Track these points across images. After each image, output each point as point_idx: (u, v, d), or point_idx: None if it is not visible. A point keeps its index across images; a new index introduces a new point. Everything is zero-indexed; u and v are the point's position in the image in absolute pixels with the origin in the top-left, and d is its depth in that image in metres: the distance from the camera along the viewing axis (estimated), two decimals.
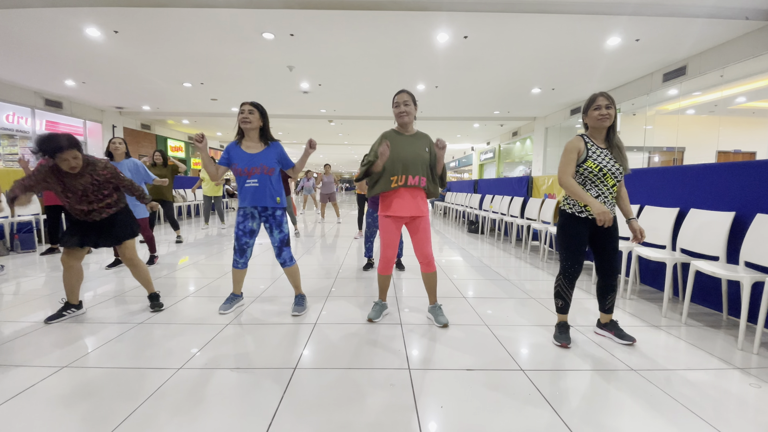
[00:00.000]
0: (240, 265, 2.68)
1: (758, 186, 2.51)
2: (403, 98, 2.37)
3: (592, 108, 2.08)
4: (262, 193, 2.53)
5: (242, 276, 2.75)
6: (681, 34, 6.00)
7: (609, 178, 2.08)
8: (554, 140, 12.48)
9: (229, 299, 2.74)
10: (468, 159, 22.86)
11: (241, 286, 2.78)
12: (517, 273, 4.00)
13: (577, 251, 2.14)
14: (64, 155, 2.25)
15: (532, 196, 6.26)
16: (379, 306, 2.58)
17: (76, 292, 2.57)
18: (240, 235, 2.59)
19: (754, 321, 2.42)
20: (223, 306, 2.69)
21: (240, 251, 2.62)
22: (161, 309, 2.72)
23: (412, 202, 2.41)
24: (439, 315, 2.52)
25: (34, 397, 1.59)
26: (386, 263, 2.48)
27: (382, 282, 2.55)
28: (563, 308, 2.23)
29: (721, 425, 1.46)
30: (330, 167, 9.21)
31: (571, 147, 2.10)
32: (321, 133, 16.91)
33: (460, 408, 1.56)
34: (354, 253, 4.98)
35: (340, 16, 5.52)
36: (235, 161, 2.50)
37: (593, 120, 2.08)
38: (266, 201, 2.54)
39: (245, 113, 2.46)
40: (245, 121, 2.47)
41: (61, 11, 5.38)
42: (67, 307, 2.55)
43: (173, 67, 7.96)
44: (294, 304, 2.74)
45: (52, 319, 2.47)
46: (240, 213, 2.58)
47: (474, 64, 7.57)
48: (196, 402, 1.58)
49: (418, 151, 2.40)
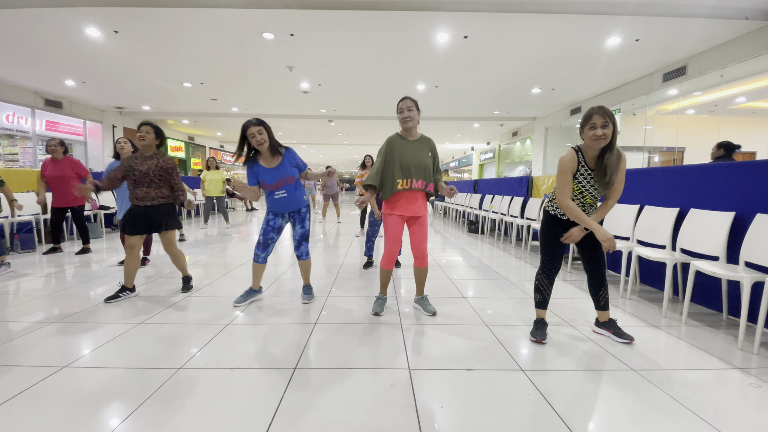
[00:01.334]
0: (261, 259, 2.81)
1: (758, 186, 2.51)
2: (407, 104, 2.48)
3: (588, 127, 1.97)
4: (291, 201, 2.77)
5: (261, 271, 2.86)
6: (681, 34, 6.00)
7: (588, 198, 2.13)
8: (554, 140, 12.48)
9: (246, 294, 2.87)
10: (468, 159, 22.86)
11: (259, 281, 2.90)
12: (517, 273, 4.00)
13: (556, 249, 2.23)
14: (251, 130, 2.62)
15: (532, 196, 6.25)
16: (381, 300, 2.71)
17: (132, 276, 2.96)
18: (268, 230, 2.76)
19: (754, 321, 2.42)
20: (238, 299, 2.83)
21: (264, 245, 2.77)
22: (190, 289, 3.17)
23: (414, 203, 2.57)
24: (427, 305, 2.72)
25: (34, 397, 1.59)
26: (390, 258, 2.60)
27: (385, 276, 2.67)
28: (542, 303, 2.29)
29: (721, 425, 1.46)
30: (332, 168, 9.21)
31: (566, 167, 2.07)
32: (321, 133, 16.91)
33: (460, 408, 1.56)
34: (354, 252, 4.98)
35: (340, 16, 5.52)
36: (261, 178, 2.69)
37: (588, 139, 1.99)
38: (295, 206, 2.80)
39: (257, 136, 2.57)
40: (260, 142, 2.59)
41: (61, 11, 5.38)
42: (123, 290, 2.94)
43: (173, 67, 7.96)
44: (303, 293, 2.97)
45: (110, 299, 2.85)
46: (269, 218, 2.77)
47: (474, 64, 7.57)
48: (196, 402, 1.58)
49: (421, 157, 2.54)
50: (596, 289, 2.27)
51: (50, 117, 10.65)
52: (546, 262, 2.25)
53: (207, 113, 12.74)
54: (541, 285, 2.28)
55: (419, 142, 2.57)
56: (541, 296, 2.28)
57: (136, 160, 2.89)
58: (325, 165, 9.82)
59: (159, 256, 4.64)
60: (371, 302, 2.92)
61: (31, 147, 10.19)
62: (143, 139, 2.90)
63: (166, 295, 3.06)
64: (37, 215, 5.32)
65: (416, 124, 2.53)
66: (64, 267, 4.05)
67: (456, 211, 9.74)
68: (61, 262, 4.32)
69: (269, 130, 2.66)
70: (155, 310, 2.72)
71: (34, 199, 5.36)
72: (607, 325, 2.30)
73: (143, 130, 2.92)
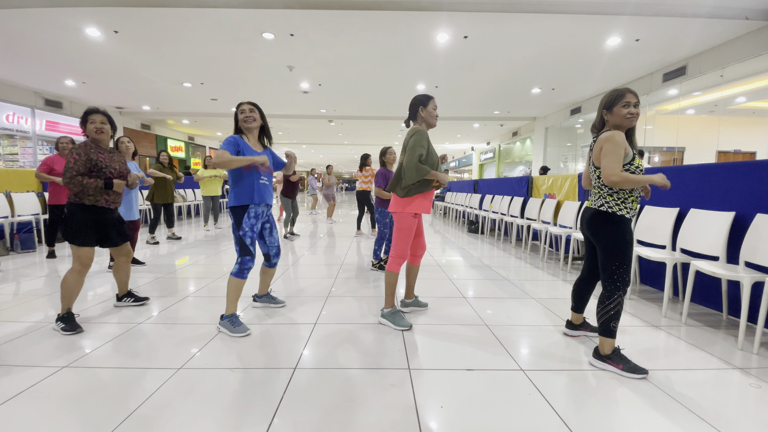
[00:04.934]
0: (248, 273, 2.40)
1: (758, 186, 2.51)
2: (435, 104, 2.51)
3: (620, 105, 1.87)
4: (270, 192, 2.50)
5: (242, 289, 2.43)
6: (681, 34, 6.00)
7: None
8: (554, 140, 12.48)
9: (234, 321, 2.34)
10: (468, 159, 22.86)
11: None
12: (517, 273, 4.00)
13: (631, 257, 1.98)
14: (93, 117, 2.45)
15: (532, 196, 6.25)
16: (401, 313, 2.51)
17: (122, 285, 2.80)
18: (255, 237, 2.40)
19: (754, 321, 2.42)
20: (239, 328, 2.31)
21: (255, 256, 2.40)
22: (136, 304, 2.84)
23: (428, 200, 2.53)
24: (420, 301, 2.80)
25: (34, 397, 1.59)
26: (402, 261, 2.49)
27: (395, 282, 2.49)
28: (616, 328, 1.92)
29: (721, 425, 1.46)
30: (332, 168, 9.25)
31: (622, 141, 1.82)
32: (321, 133, 16.91)
33: (460, 408, 1.56)
34: (353, 252, 4.98)
35: (340, 16, 5.52)
36: (246, 155, 2.31)
37: (620, 118, 1.87)
38: (272, 200, 2.54)
39: (247, 112, 2.36)
40: (249, 119, 2.36)
41: (61, 11, 5.38)
42: (120, 299, 2.82)
43: (173, 67, 7.96)
44: (274, 300, 2.84)
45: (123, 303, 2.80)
46: (251, 214, 2.34)
47: (474, 64, 7.57)
48: (196, 402, 1.58)
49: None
50: (588, 293, 2.23)
51: (50, 117, 10.64)
52: (628, 279, 1.90)
53: (207, 113, 12.73)
54: (622, 308, 1.90)
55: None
56: (619, 321, 1.92)
57: (102, 155, 2.47)
58: (325, 165, 9.82)
59: (159, 256, 4.64)
60: (371, 302, 2.92)
61: (31, 147, 10.19)
62: (101, 131, 2.47)
63: (166, 296, 3.06)
64: (36, 215, 5.31)
65: None
66: (63, 267, 4.05)
67: (456, 211, 9.74)
68: (61, 262, 4.32)
69: (263, 114, 2.46)
70: (155, 310, 2.72)
71: (35, 199, 5.36)
72: (584, 325, 2.33)
73: (97, 119, 2.46)
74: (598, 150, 1.92)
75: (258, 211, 2.39)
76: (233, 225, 2.36)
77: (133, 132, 13.66)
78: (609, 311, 1.89)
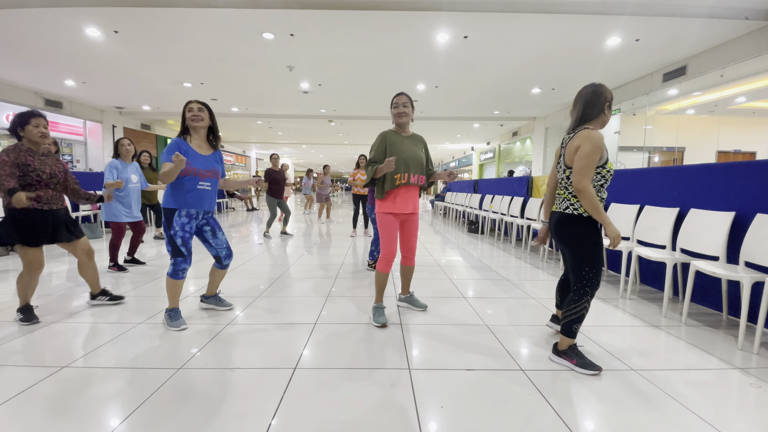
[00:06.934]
0: (185, 274, 2.41)
1: (758, 186, 2.51)
2: (402, 100, 2.48)
3: (609, 108, 1.86)
4: (213, 197, 2.48)
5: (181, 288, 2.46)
6: (681, 34, 6.00)
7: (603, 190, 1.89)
8: (554, 140, 12.47)
9: (173, 316, 2.40)
10: (468, 159, 22.86)
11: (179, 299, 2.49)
12: (517, 273, 4.00)
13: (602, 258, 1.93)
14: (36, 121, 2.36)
15: (532, 196, 6.25)
16: (381, 309, 2.54)
17: (93, 282, 2.78)
18: (187, 238, 2.36)
19: (754, 321, 2.42)
20: (171, 323, 2.37)
21: (189, 256, 2.38)
22: (109, 302, 2.83)
23: (410, 200, 2.53)
24: (416, 301, 2.80)
25: (33, 398, 1.59)
26: (389, 260, 2.48)
27: (383, 281, 2.53)
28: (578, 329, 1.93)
29: (721, 425, 1.46)
30: (329, 168, 9.27)
31: (601, 145, 1.73)
32: (321, 133, 16.91)
33: (460, 408, 1.56)
34: (352, 252, 4.98)
35: (340, 16, 5.52)
36: (189, 160, 2.30)
37: (605, 122, 1.88)
38: (211, 205, 2.48)
39: (195, 111, 2.33)
40: (197, 118, 2.34)
41: (61, 11, 5.38)
42: (93, 297, 2.81)
43: (173, 67, 7.96)
44: (222, 303, 2.75)
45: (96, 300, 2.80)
46: (183, 214, 2.33)
47: (474, 64, 7.57)
48: (196, 402, 1.58)
49: (416, 151, 2.53)
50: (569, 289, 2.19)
51: (50, 117, 10.62)
52: (597, 282, 1.85)
53: None
54: (587, 310, 1.88)
55: (412, 138, 2.58)
56: (581, 323, 1.90)
57: (31, 158, 2.35)
58: (324, 166, 9.83)
59: (159, 256, 4.64)
60: (370, 302, 2.92)
61: None
62: (45, 136, 2.41)
63: (165, 295, 3.05)
64: None
65: (410, 120, 2.54)
66: (63, 267, 4.05)
67: (456, 211, 9.74)
68: (61, 262, 4.31)
69: (212, 115, 2.43)
70: (155, 310, 2.72)
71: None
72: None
73: (41, 123, 2.39)
74: (573, 149, 1.81)
75: (191, 211, 2.37)
76: (164, 224, 2.35)
77: (133, 132, 13.66)
78: (574, 314, 1.88)
